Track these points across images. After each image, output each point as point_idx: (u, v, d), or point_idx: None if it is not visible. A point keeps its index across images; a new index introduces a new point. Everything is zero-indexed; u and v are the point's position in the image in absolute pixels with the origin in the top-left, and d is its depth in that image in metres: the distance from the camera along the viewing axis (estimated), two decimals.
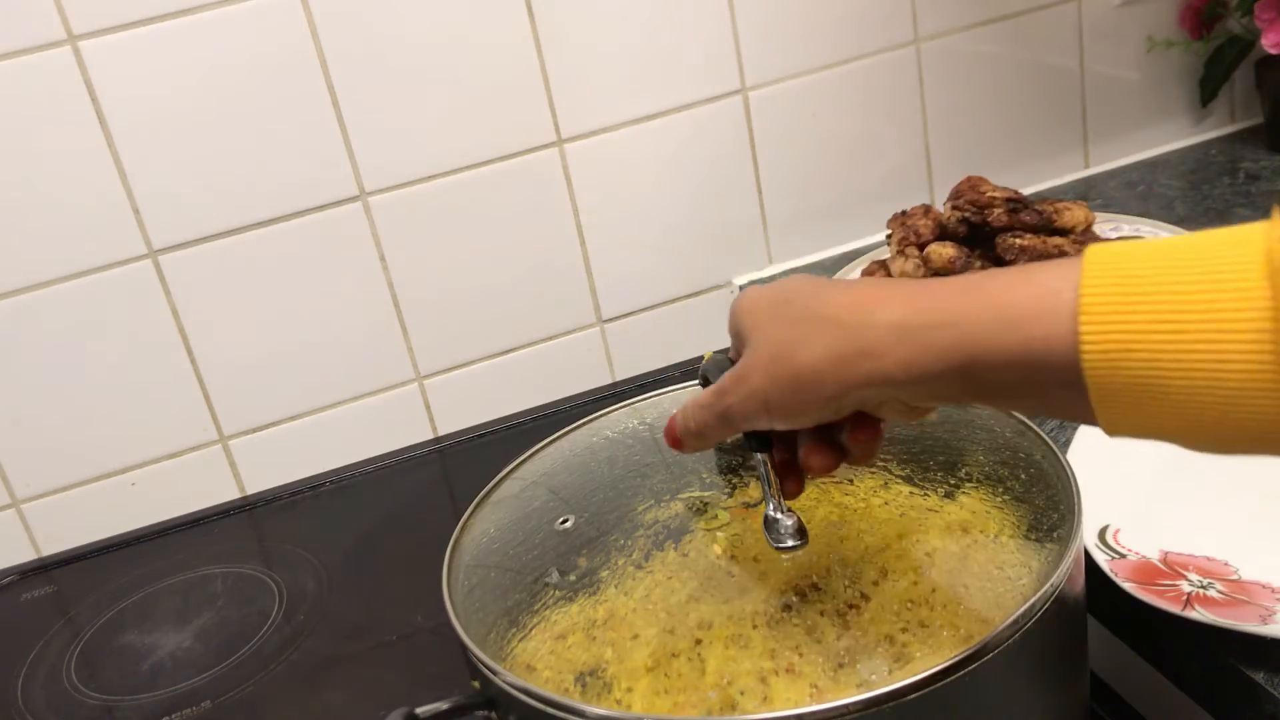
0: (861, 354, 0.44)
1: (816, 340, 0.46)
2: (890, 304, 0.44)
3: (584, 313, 1.07)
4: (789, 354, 0.47)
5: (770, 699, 0.52)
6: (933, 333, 0.42)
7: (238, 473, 1.01)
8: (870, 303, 0.45)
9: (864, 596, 0.56)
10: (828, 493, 0.65)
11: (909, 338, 0.43)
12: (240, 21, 0.89)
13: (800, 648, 0.54)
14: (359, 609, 0.84)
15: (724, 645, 0.55)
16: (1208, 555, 0.61)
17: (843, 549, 0.58)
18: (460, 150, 0.98)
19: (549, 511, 0.66)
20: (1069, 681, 0.53)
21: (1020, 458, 0.59)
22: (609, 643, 0.59)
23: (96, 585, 0.92)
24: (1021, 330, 0.40)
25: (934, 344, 0.42)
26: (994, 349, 0.41)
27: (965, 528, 0.59)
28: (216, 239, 0.94)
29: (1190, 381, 0.37)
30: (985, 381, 0.42)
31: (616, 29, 0.99)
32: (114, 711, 0.78)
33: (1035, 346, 0.39)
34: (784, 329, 0.48)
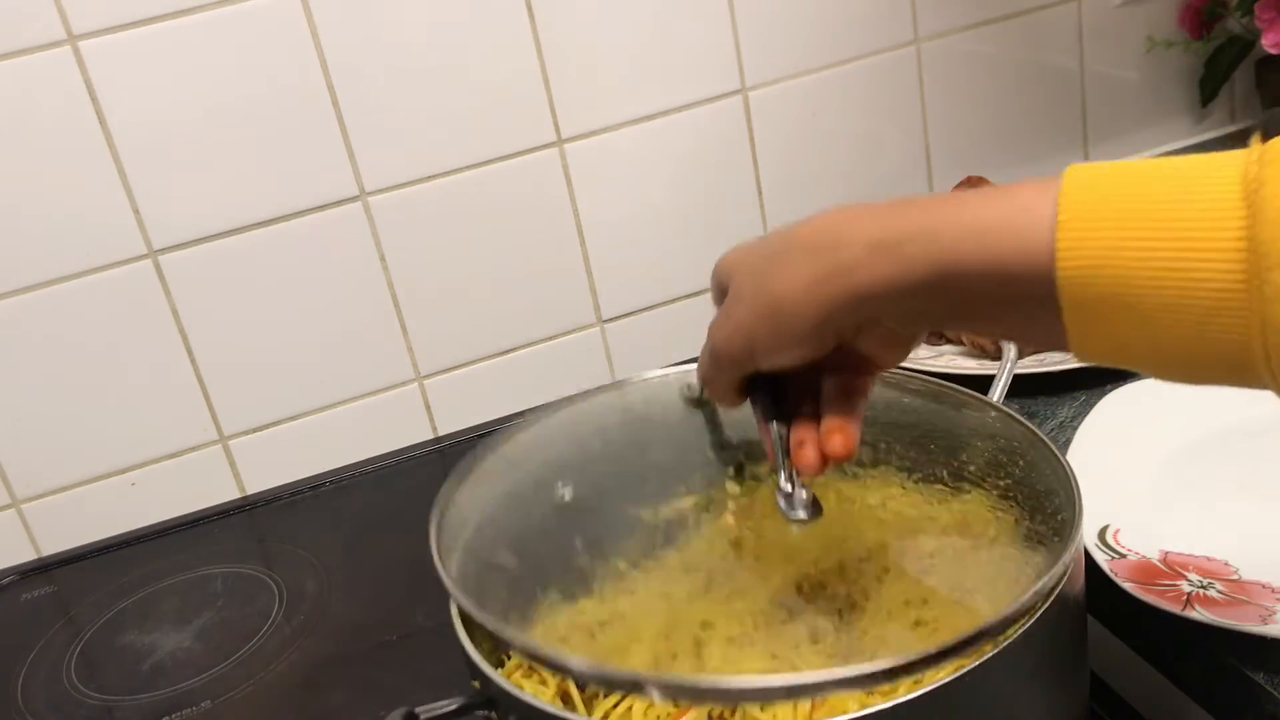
0: (839, 272, 0.44)
1: (794, 267, 0.46)
2: (866, 223, 0.44)
3: (584, 313, 1.07)
4: (768, 284, 0.47)
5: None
6: (910, 245, 0.42)
7: (238, 473, 1.01)
8: (846, 224, 0.45)
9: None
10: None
11: (886, 252, 0.43)
12: (241, 21, 0.89)
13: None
14: (359, 609, 0.83)
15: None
16: (1208, 555, 0.61)
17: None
18: (460, 150, 0.98)
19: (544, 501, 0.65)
20: (1069, 681, 0.53)
21: (1020, 459, 0.59)
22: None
23: (96, 585, 0.92)
24: (999, 243, 0.40)
25: (912, 256, 0.42)
26: (971, 261, 0.41)
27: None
28: (216, 239, 0.94)
29: (1162, 297, 0.37)
30: (961, 295, 0.42)
31: (616, 29, 0.99)
32: (114, 711, 0.78)
33: (1012, 259, 0.39)
34: (762, 263, 0.48)
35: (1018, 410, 0.79)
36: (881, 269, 0.43)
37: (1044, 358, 0.83)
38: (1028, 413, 0.79)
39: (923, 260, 0.42)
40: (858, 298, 0.44)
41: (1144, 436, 0.71)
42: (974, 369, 0.84)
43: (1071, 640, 0.52)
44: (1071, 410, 0.79)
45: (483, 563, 0.61)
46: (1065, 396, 0.80)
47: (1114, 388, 0.77)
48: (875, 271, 0.43)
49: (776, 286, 0.47)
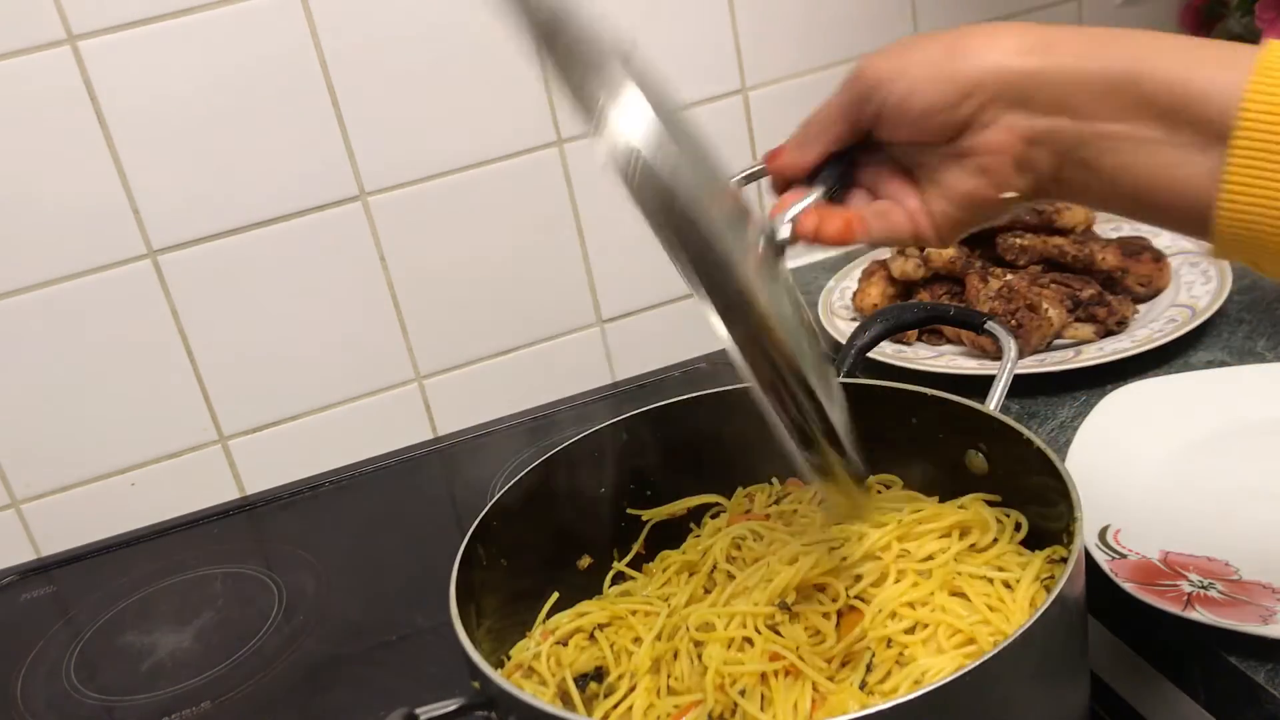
0: (1042, 42, 0.47)
1: (1000, 28, 0.48)
2: (1077, 29, 0.47)
3: (584, 313, 1.07)
4: (965, 29, 0.48)
5: (771, 700, 0.52)
6: (1115, 43, 0.46)
7: (238, 473, 1.01)
8: (1043, 26, 0.48)
9: (864, 599, 0.56)
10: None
11: (1090, 43, 0.46)
12: (240, 21, 0.89)
13: (800, 649, 0.54)
14: (359, 609, 0.83)
15: (724, 647, 0.55)
16: (1208, 555, 0.61)
17: (843, 551, 0.58)
18: (460, 150, 0.98)
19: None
20: (1070, 682, 0.53)
21: (1019, 465, 0.59)
22: (610, 644, 0.59)
23: (96, 585, 0.92)
24: (1195, 65, 0.43)
25: (1112, 50, 0.45)
26: (1170, 69, 0.44)
27: (964, 531, 0.60)
28: (216, 239, 0.94)
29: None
30: (1142, 93, 0.44)
31: (616, 29, 0.99)
32: (114, 711, 0.78)
33: (1201, 81, 0.43)
34: (961, 27, 0.49)
35: (1018, 410, 0.80)
36: (1081, 53, 0.46)
37: (1044, 357, 0.83)
38: (1028, 413, 0.79)
39: (1126, 59, 0.45)
40: (1050, 70, 0.46)
41: (1144, 436, 0.71)
42: (974, 369, 0.84)
43: (1071, 641, 0.52)
44: (1071, 410, 0.79)
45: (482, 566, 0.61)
46: (1065, 396, 0.80)
47: (1114, 388, 0.77)
48: (1078, 53, 0.46)
49: (974, 28, 0.48)
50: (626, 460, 0.67)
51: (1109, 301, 0.86)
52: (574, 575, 0.67)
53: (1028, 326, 0.83)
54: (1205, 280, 0.88)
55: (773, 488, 0.69)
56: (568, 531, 0.66)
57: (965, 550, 0.58)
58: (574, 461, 0.65)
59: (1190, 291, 0.88)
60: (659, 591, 0.63)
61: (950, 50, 0.48)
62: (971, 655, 0.53)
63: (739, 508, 0.69)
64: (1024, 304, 0.84)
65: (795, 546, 0.59)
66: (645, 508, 0.69)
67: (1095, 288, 0.88)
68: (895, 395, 0.65)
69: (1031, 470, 0.58)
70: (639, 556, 0.69)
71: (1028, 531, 0.59)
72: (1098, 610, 0.66)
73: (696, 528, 0.69)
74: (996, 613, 0.54)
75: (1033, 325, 0.83)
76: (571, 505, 0.66)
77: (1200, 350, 0.83)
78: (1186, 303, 0.87)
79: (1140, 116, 0.45)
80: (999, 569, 0.57)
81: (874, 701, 0.51)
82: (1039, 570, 0.56)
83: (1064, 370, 0.81)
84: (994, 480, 0.62)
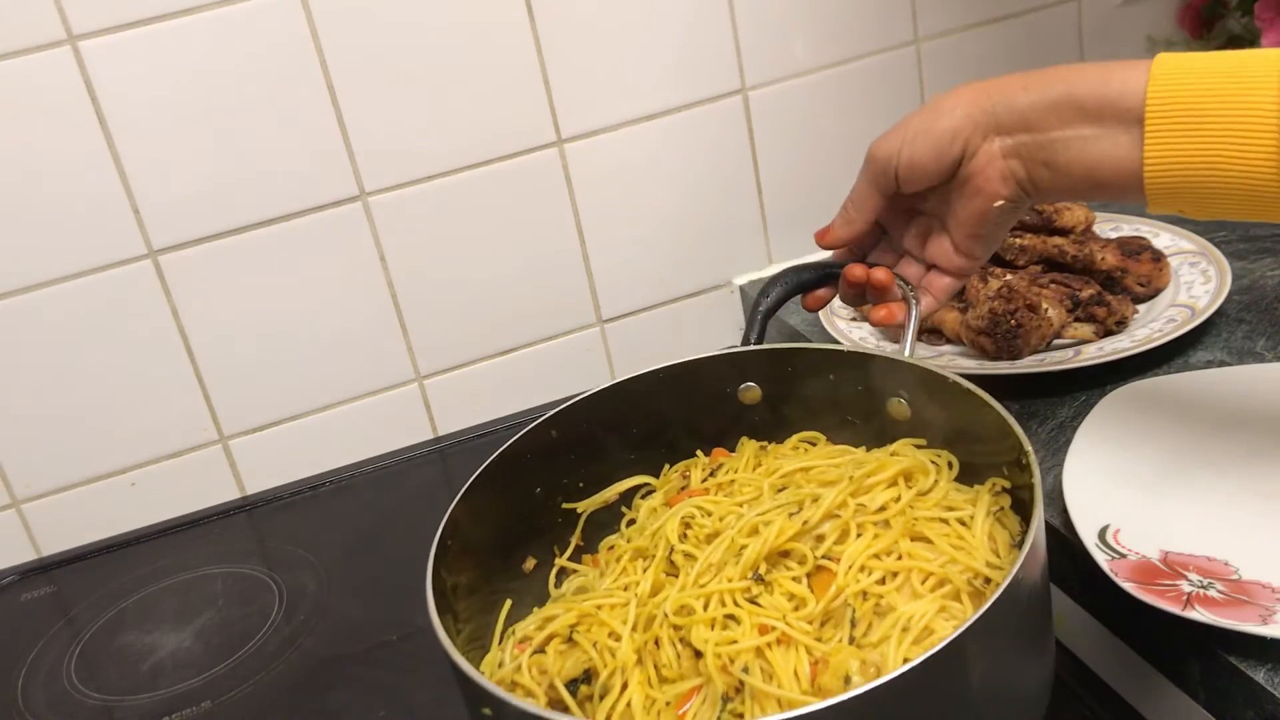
0: (994, 91, 0.63)
1: (959, 89, 0.64)
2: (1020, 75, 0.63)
3: (584, 313, 1.07)
4: (935, 98, 0.65)
5: (772, 671, 0.53)
6: (1050, 74, 0.61)
7: (238, 473, 1.01)
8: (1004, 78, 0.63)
9: (831, 558, 0.57)
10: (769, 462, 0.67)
11: (1031, 78, 0.62)
12: (240, 21, 0.89)
13: (786, 616, 0.55)
14: (359, 609, 0.83)
15: (709, 628, 0.55)
16: (1208, 555, 0.61)
17: (802, 515, 0.59)
18: (460, 150, 0.98)
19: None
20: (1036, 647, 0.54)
21: (941, 406, 0.62)
22: (590, 644, 0.58)
23: (96, 585, 0.92)
24: (1109, 77, 0.59)
25: (1049, 78, 0.61)
26: (1090, 82, 0.59)
27: (909, 478, 0.61)
28: (216, 239, 0.94)
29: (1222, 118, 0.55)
30: (1074, 104, 0.59)
31: (616, 29, 0.99)
32: (114, 711, 0.78)
33: (1115, 85, 0.58)
34: None
35: (1018, 410, 0.80)
36: (1027, 87, 0.61)
37: (1044, 357, 0.83)
38: (1028, 413, 0.79)
39: (1060, 84, 0.60)
40: (1003, 102, 0.62)
41: (1144, 436, 0.71)
42: (974, 369, 0.84)
43: (1043, 581, 0.54)
44: (1071, 410, 0.79)
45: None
46: (1065, 396, 0.80)
47: (1114, 387, 0.77)
48: (1024, 86, 0.62)
49: (942, 95, 0.64)
50: (556, 457, 0.68)
51: (1109, 301, 0.87)
52: (520, 580, 0.67)
53: (1028, 326, 0.83)
54: (1205, 280, 0.88)
55: (702, 459, 0.70)
56: (510, 537, 0.66)
57: (915, 497, 0.60)
58: (509, 467, 0.65)
59: (1190, 291, 0.88)
60: (617, 582, 0.62)
61: (933, 114, 0.64)
62: (949, 595, 0.55)
63: (673, 485, 0.69)
64: (1024, 304, 0.84)
65: (752, 517, 0.60)
66: (579, 499, 0.70)
67: (1095, 288, 0.88)
68: (811, 355, 0.68)
69: (955, 409, 0.61)
70: (578, 548, 0.69)
71: (963, 469, 0.62)
72: (1098, 610, 0.66)
73: (628, 509, 0.70)
74: (961, 550, 0.56)
75: (1032, 325, 0.83)
76: (512, 511, 0.66)
77: (1200, 350, 0.82)
78: (1186, 303, 0.87)
79: (1078, 121, 0.60)
80: (949, 509, 0.59)
81: (870, 656, 0.52)
82: (989, 504, 0.59)
83: (1064, 370, 0.81)
84: (916, 424, 0.65)
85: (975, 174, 0.64)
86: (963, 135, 0.63)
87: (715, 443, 0.71)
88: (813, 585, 0.57)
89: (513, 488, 0.66)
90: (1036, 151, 0.62)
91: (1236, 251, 0.94)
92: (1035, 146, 0.61)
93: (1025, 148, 0.62)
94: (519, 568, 0.67)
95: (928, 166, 0.64)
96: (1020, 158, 0.62)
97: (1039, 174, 0.62)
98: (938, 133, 0.63)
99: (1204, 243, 0.93)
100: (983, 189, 0.64)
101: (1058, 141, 0.61)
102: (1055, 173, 0.62)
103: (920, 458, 0.62)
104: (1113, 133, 0.59)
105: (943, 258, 0.68)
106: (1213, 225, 0.99)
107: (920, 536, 0.58)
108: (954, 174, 0.64)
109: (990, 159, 0.63)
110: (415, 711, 0.72)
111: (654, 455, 0.71)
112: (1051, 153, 0.61)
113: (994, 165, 0.63)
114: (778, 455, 0.68)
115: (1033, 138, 0.61)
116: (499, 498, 0.65)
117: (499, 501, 0.65)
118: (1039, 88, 0.61)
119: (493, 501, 0.64)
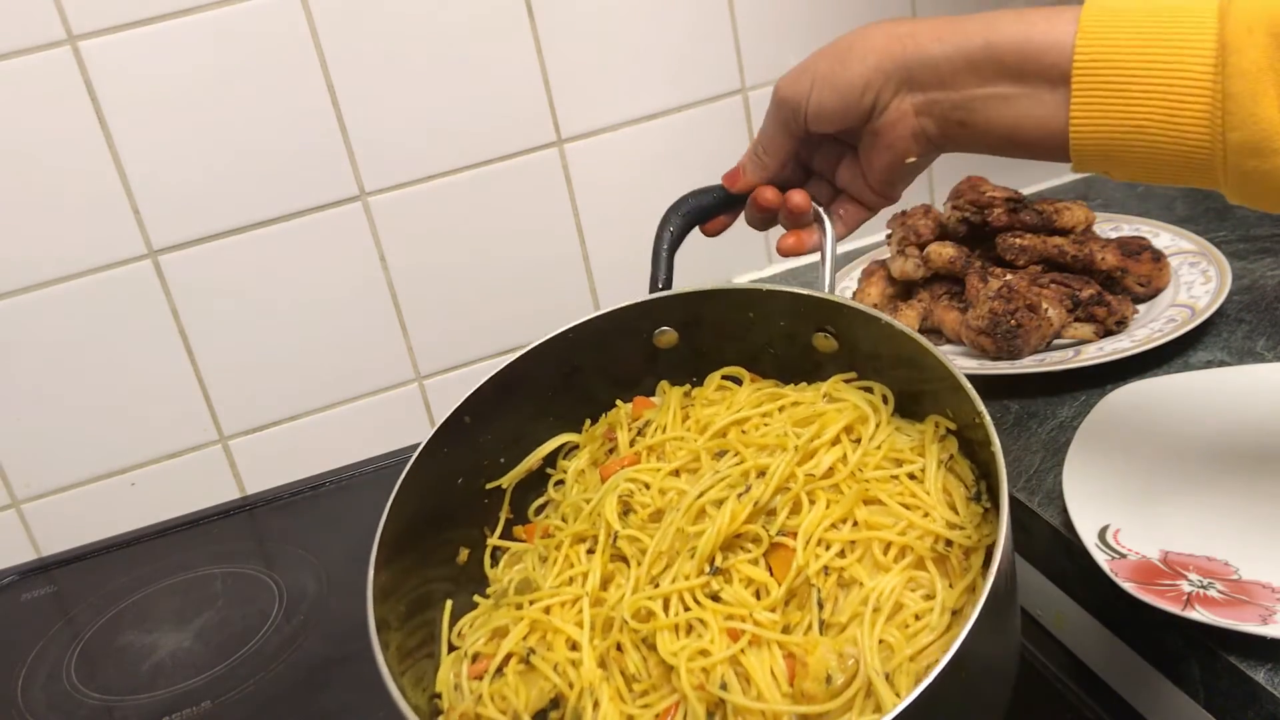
0: (908, 36, 0.58)
1: (871, 29, 0.60)
2: (934, 19, 0.58)
3: (584, 313, 1.06)
4: (847, 37, 0.60)
5: (748, 676, 0.51)
6: (967, 24, 0.57)
7: (238, 473, 1.01)
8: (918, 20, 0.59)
9: (786, 533, 0.54)
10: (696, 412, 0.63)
11: (947, 27, 0.57)
12: (240, 22, 0.89)
13: (753, 614, 0.52)
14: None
15: (674, 634, 0.53)
16: (1208, 555, 0.61)
17: (752, 495, 0.55)
18: (460, 150, 0.98)
19: None
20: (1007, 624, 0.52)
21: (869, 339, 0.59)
22: (551, 667, 0.55)
23: (96, 585, 0.92)
24: (1031, 29, 0.54)
25: (966, 29, 0.56)
26: (1011, 35, 0.55)
27: (850, 432, 0.58)
28: (216, 239, 0.94)
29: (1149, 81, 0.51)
30: (994, 59, 0.55)
31: (616, 29, 0.99)
32: (114, 711, 0.78)
33: (1038, 40, 0.54)
34: (843, 36, 0.61)
35: (1018, 410, 0.79)
36: (941, 32, 0.57)
37: (1043, 357, 0.83)
38: (1028, 412, 0.79)
39: (978, 36, 0.56)
40: (917, 55, 0.57)
41: (1144, 436, 0.71)
42: (974, 369, 0.84)
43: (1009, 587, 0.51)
44: (1071, 410, 0.79)
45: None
46: (1065, 396, 0.80)
47: (1114, 387, 0.77)
48: (936, 34, 0.57)
49: (852, 36, 0.60)
50: (472, 440, 0.64)
51: (1109, 301, 0.86)
52: (456, 572, 0.64)
53: (1028, 326, 0.83)
54: (1205, 280, 0.88)
55: (624, 408, 0.66)
56: (438, 536, 0.63)
57: (861, 455, 0.56)
58: (428, 469, 0.62)
59: (1190, 291, 0.88)
60: (561, 575, 0.59)
61: (840, 60, 0.60)
62: (913, 564, 0.52)
63: (598, 446, 0.65)
64: (1024, 304, 0.84)
65: (695, 497, 0.56)
66: (501, 475, 0.66)
67: (1095, 287, 0.88)
68: (728, 295, 0.64)
69: (882, 340, 0.57)
70: (509, 522, 0.66)
71: (900, 412, 0.58)
72: (1098, 610, 0.66)
73: (553, 470, 0.67)
74: (915, 510, 0.54)
75: (1033, 325, 0.83)
76: (438, 508, 0.63)
77: (1200, 350, 0.82)
78: (1186, 303, 0.87)
79: (998, 79, 0.56)
80: (896, 461, 0.56)
81: (845, 648, 0.50)
82: (937, 454, 0.56)
83: (1064, 370, 0.81)
84: (845, 357, 0.61)
85: (885, 129, 0.60)
86: (874, 88, 0.59)
87: (634, 389, 0.67)
88: (770, 563, 0.54)
89: (433, 488, 0.63)
90: (951, 111, 0.58)
91: (1236, 251, 0.94)
92: (950, 105, 0.58)
93: (939, 105, 0.58)
94: (454, 562, 0.64)
95: (835, 115, 0.61)
96: (933, 116, 0.59)
97: (953, 132, 0.59)
98: (846, 82, 0.59)
99: (1204, 243, 0.93)
100: (894, 145, 0.61)
101: (975, 100, 0.57)
102: (972, 131, 0.58)
103: (856, 400, 0.58)
104: (1036, 91, 0.55)
105: (855, 189, 0.65)
106: (1213, 225, 0.99)
107: (872, 500, 0.55)
108: (864, 123, 0.61)
109: (901, 115, 0.59)
110: None
111: (572, 409, 0.67)
112: (968, 112, 0.57)
113: (905, 122, 0.60)
114: (704, 402, 0.64)
115: (947, 95, 0.58)
116: (421, 502, 0.61)
117: (421, 506, 0.61)
118: (955, 38, 0.56)
119: (415, 508, 0.61)
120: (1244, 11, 0.49)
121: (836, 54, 0.60)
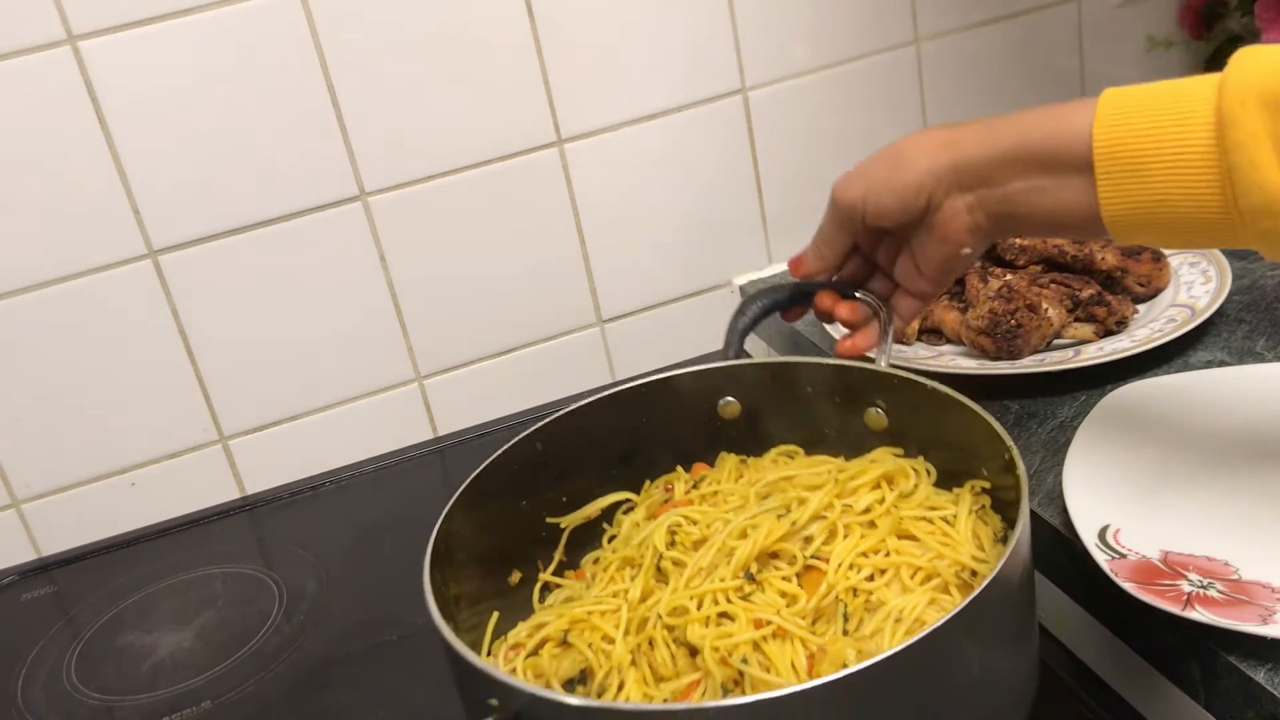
0: (951, 144, 0.64)
1: (919, 137, 0.65)
2: (972, 123, 0.64)
3: (584, 313, 1.07)
4: (896, 143, 0.66)
5: (769, 663, 0.54)
6: (1000, 125, 0.62)
7: (238, 473, 1.01)
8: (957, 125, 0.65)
9: (820, 558, 0.58)
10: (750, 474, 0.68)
11: (984, 130, 0.63)
12: (240, 22, 0.89)
13: (781, 612, 0.56)
14: (359, 609, 0.83)
15: (704, 625, 0.56)
16: (1208, 555, 0.61)
17: (791, 517, 0.60)
18: (460, 150, 0.98)
19: None
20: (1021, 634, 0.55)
21: (918, 413, 0.64)
22: (585, 644, 0.59)
23: (96, 585, 0.92)
24: (1056, 126, 0.60)
25: (1000, 132, 0.62)
26: (1038, 133, 0.60)
27: (890, 481, 0.63)
28: (216, 239, 0.94)
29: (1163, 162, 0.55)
30: (1026, 157, 0.61)
31: (617, 29, 0.99)
32: (114, 711, 0.78)
33: (1062, 136, 0.59)
34: (890, 144, 0.67)
35: (1018, 410, 0.80)
36: (982, 141, 0.63)
37: (1044, 357, 0.83)
38: (1028, 412, 0.79)
39: (1009, 138, 0.61)
40: (962, 159, 0.63)
41: (1144, 436, 0.71)
42: (973, 369, 0.84)
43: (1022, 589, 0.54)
44: (1071, 410, 0.79)
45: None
46: (1065, 396, 0.80)
47: (1114, 387, 0.77)
48: (978, 141, 0.63)
49: (903, 143, 0.65)
50: (540, 470, 0.68)
51: (1109, 301, 0.87)
52: (507, 593, 0.67)
53: (1028, 326, 0.83)
54: (1205, 280, 0.88)
55: (683, 474, 0.71)
56: (498, 548, 0.66)
57: (898, 498, 0.61)
58: (497, 478, 0.66)
59: (1190, 291, 0.88)
60: (606, 590, 0.63)
61: (894, 165, 0.65)
62: (938, 588, 0.56)
63: (655, 499, 0.70)
64: (1024, 304, 0.84)
65: (740, 521, 0.61)
66: (561, 514, 0.70)
67: (1095, 288, 0.88)
68: (789, 368, 0.70)
69: (933, 414, 0.62)
70: (561, 564, 0.70)
71: (941, 472, 0.63)
72: (1098, 610, 0.66)
73: (609, 526, 0.70)
74: (947, 546, 0.58)
75: (1032, 325, 0.83)
76: (500, 522, 0.66)
77: (1200, 350, 0.82)
78: (1186, 303, 0.87)
79: (1032, 173, 0.61)
80: (931, 508, 0.60)
81: (866, 646, 0.53)
82: (970, 503, 0.60)
83: (1064, 370, 0.81)
84: (893, 434, 0.66)
85: (941, 224, 0.65)
86: (926, 189, 0.64)
87: (694, 459, 0.72)
88: (803, 584, 0.58)
89: (500, 498, 0.66)
90: (997, 205, 0.63)
91: (1236, 251, 0.94)
92: (995, 200, 0.63)
93: (986, 202, 0.64)
94: (506, 580, 0.68)
95: (894, 213, 0.66)
96: (984, 211, 0.64)
97: (1004, 223, 0.64)
98: (902, 185, 0.64)
99: None
100: (949, 239, 0.66)
101: (1017, 194, 0.62)
102: (1019, 220, 0.63)
103: (900, 463, 0.63)
104: (1067, 180, 0.59)
105: (909, 280, 0.70)
106: None
107: (907, 534, 0.59)
108: (920, 219, 0.66)
109: (955, 213, 0.65)
110: (415, 711, 0.72)
111: (634, 472, 0.71)
112: (1012, 205, 0.63)
113: (959, 219, 0.65)
114: (758, 468, 0.69)
115: (992, 192, 0.63)
116: (488, 507, 0.65)
117: (488, 511, 0.65)
118: (992, 140, 0.62)
119: (482, 510, 0.64)
120: (1237, 85, 0.53)
121: (890, 160, 0.66)
